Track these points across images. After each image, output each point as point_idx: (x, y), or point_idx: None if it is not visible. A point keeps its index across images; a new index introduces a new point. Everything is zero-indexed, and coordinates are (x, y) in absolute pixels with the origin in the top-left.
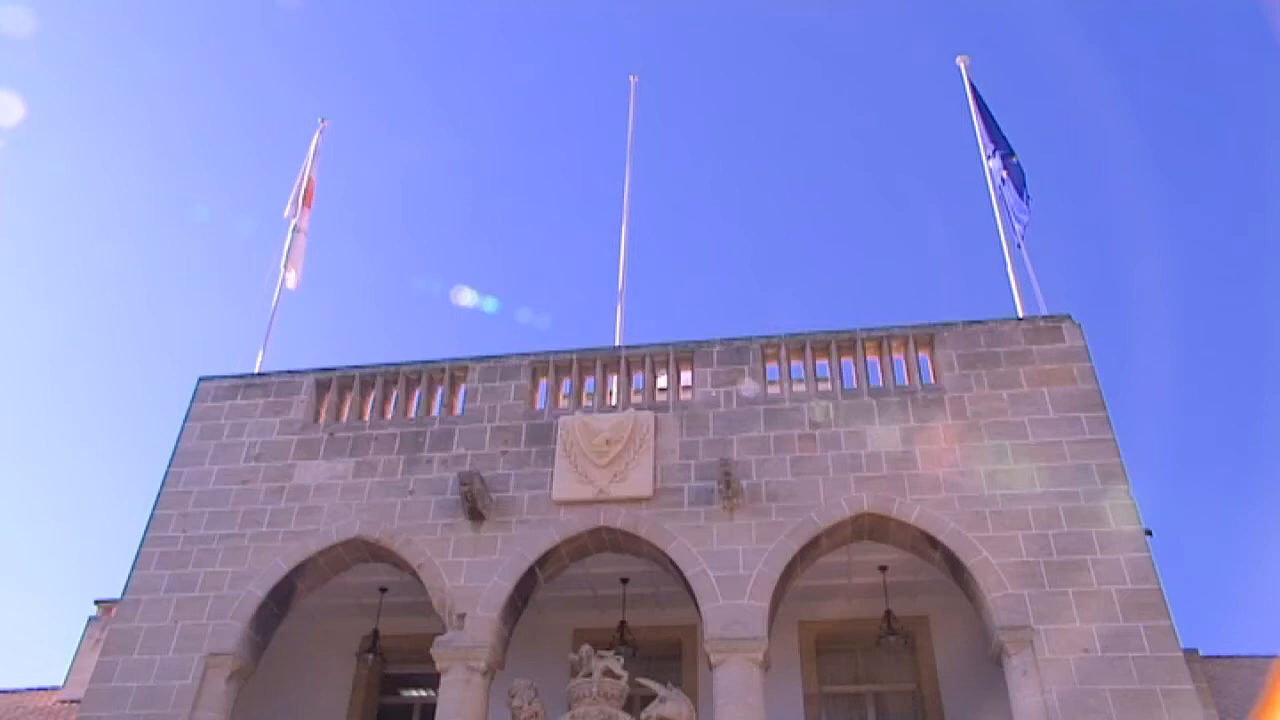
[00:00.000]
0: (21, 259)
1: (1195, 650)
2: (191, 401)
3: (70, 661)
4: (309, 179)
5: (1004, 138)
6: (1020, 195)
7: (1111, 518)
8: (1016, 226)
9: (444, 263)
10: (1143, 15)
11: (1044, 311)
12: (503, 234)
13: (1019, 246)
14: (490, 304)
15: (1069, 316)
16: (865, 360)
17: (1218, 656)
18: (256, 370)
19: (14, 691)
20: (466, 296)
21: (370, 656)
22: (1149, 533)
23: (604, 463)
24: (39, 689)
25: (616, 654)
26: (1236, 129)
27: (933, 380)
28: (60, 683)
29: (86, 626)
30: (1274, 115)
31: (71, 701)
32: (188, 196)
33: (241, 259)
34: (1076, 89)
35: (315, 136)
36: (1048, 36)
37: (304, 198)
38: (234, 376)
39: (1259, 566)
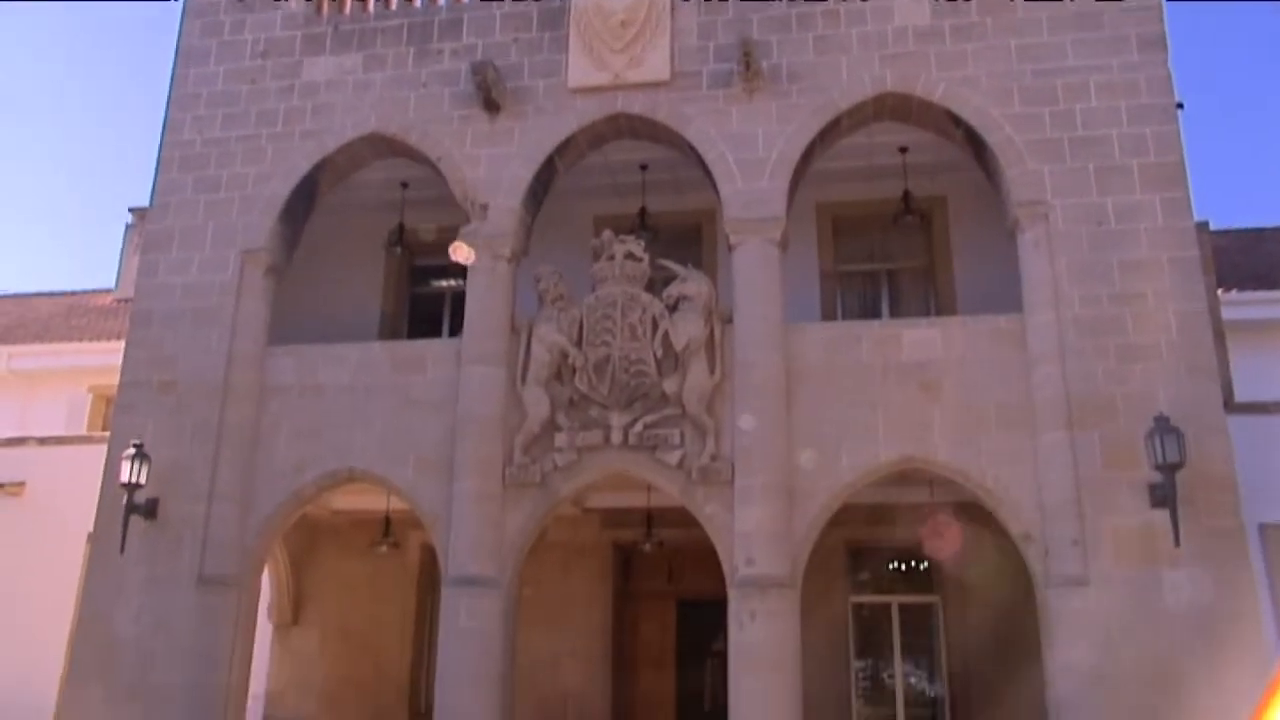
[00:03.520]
0: None
1: (1206, 222)
2: None
3: (118, 265)
4: None
5: None
6: None
7: (1145, 90)
8: None
9: None
10: None
11: None
12: None
13: None
14: None
15: None
16: None
17: (1226, 230)
18: None
19: (73, 293)
20: None
21: (398, 249)
22: (1180, 105)
23: (619, 46)
24: (95, 290)
25: (638, 238)
26: None
27: None
28: (112, 285)
29: (126, 233)
30: None
31: (125, 300)
32: None
33: None
34: None
35: None
36: None
37: None
38: None
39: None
